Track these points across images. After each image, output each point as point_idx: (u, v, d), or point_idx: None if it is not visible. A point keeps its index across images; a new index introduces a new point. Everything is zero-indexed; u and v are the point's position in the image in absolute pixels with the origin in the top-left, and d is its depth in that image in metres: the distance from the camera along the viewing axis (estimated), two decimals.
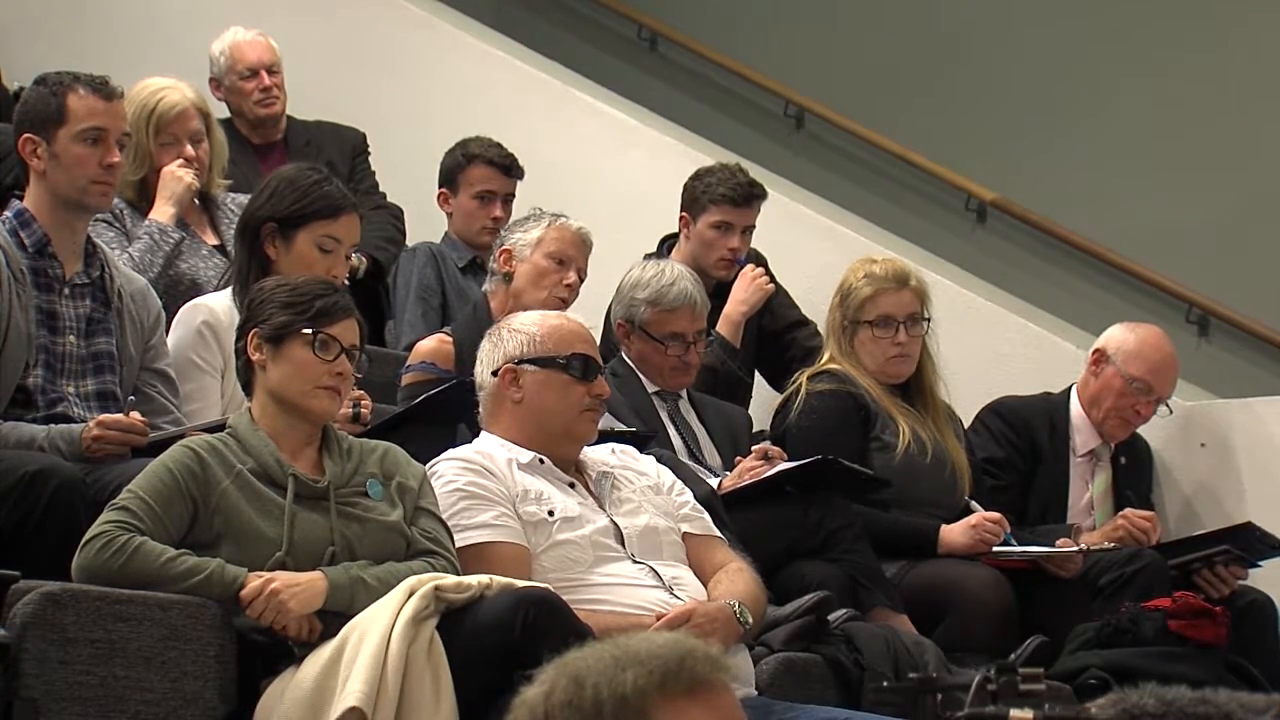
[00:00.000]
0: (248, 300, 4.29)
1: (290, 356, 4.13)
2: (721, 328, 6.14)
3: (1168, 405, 6.08)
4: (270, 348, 4.14)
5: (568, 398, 4.47)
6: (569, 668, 2.16)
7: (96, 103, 4.60)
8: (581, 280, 5.63)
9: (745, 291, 6.23)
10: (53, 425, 4.36)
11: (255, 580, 3.90)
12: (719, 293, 6.21)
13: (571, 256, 5.59)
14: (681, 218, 6.34)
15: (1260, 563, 5.84)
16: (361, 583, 3.97)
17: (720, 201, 6.24)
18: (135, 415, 4.38)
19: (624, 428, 5.15)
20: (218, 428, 4.26)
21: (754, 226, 6.31)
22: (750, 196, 6.26)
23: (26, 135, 4.61)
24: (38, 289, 4.54)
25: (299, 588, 3.91)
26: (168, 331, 4.84)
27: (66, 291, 4.59)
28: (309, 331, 4.13)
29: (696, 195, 6.29)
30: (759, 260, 6.41)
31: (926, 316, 5.65)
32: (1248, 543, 5.77)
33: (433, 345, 5.50)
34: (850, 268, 5.76)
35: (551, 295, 5.52)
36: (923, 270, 6.00)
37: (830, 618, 4.78)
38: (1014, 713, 2.11)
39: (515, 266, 5.59)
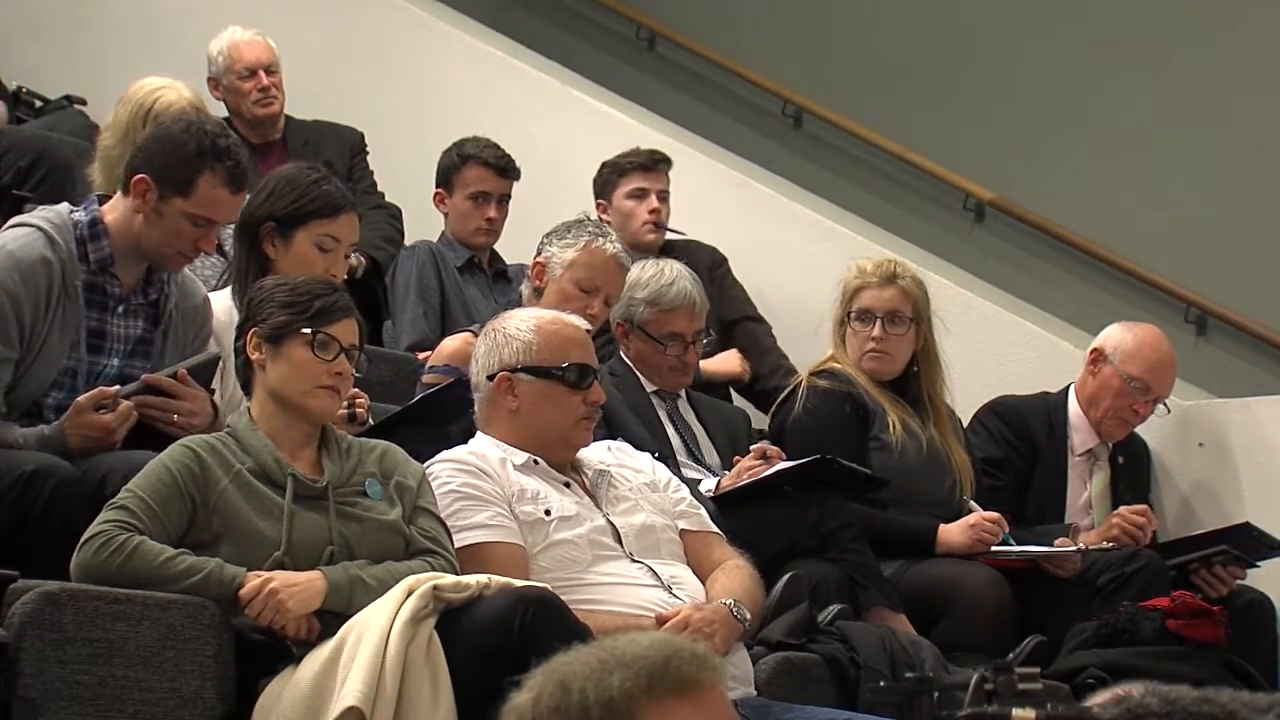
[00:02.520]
0: (247, 299, 4.28)
1: (289, 356, 4.13)
2: None
3: (1166, 405, 6.07)
4: (269, 347, 4.14)
5: (564, 408, 4.45)
6: (556, 673, 2.16)
7: (224, 195, 4.47)
8: (609, 305, 5.46)
9: (722, 369, 6.42)
10: (28, 429, 4.28)
11: (254, 580, 3.90)
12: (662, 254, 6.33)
13: (599, 285, 5.39)
14: (598, 204, 6.52)
15: (1258, 562, 5.84)
16: (360, 582, 3.97)
17: (628, 171, 6.54)
18: (118, 400, 4.31)
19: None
20: (213, 360, 4.41)
21: (668, 193, 6.55)
22: (655, 160, 6.57)
23: (144, 175, 4.44)
24: (90, 305, 4.44)
25: (297, 587, 3.91)
26: None
27: (120, 310, 4.50)
28: (308, 331, 4.12)
29: (605, 179, 6.59)
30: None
31: (912, 318, 5.64)
32: (1246, 542, 5.77)
33: (457, 346, 5.29)
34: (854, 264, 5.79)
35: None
36: (921, 270, 5.99)
37: (820, 615, 4.78)
38: (1016, 712, 2.11)
39: (546, 282, 5.48)
